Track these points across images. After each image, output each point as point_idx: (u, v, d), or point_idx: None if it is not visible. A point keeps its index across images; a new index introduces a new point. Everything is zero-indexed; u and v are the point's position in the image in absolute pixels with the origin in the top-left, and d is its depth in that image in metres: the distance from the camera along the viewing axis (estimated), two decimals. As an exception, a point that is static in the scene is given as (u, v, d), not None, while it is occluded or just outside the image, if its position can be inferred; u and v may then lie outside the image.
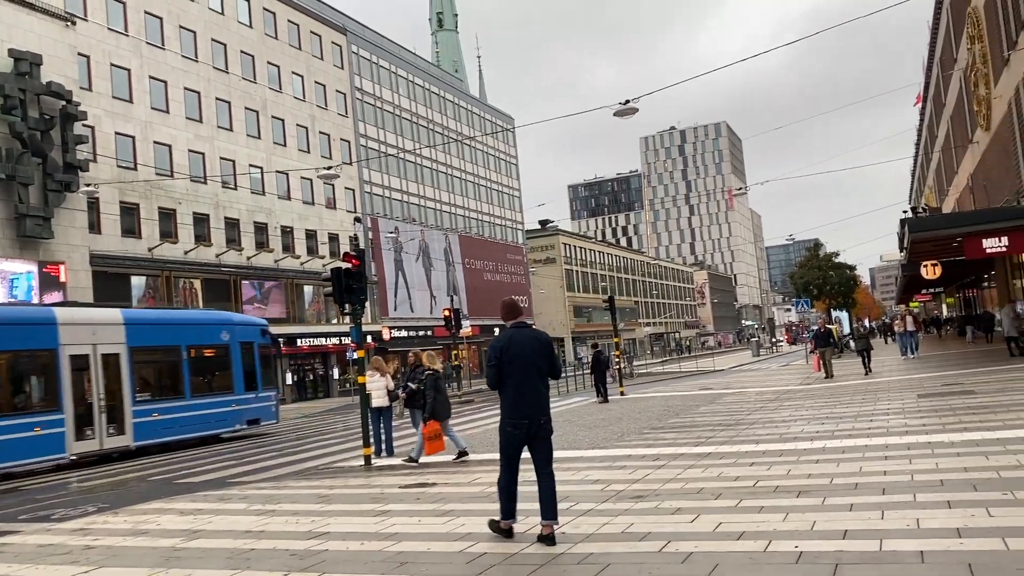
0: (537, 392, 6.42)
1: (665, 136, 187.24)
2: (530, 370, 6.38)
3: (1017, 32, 23.48)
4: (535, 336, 6.63)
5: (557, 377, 6.80)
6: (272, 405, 25.17)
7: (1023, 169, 25.19)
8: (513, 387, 6.40)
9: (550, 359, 6.55)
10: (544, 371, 6.50)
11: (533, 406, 6.34)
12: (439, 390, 12.34)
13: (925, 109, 58.59)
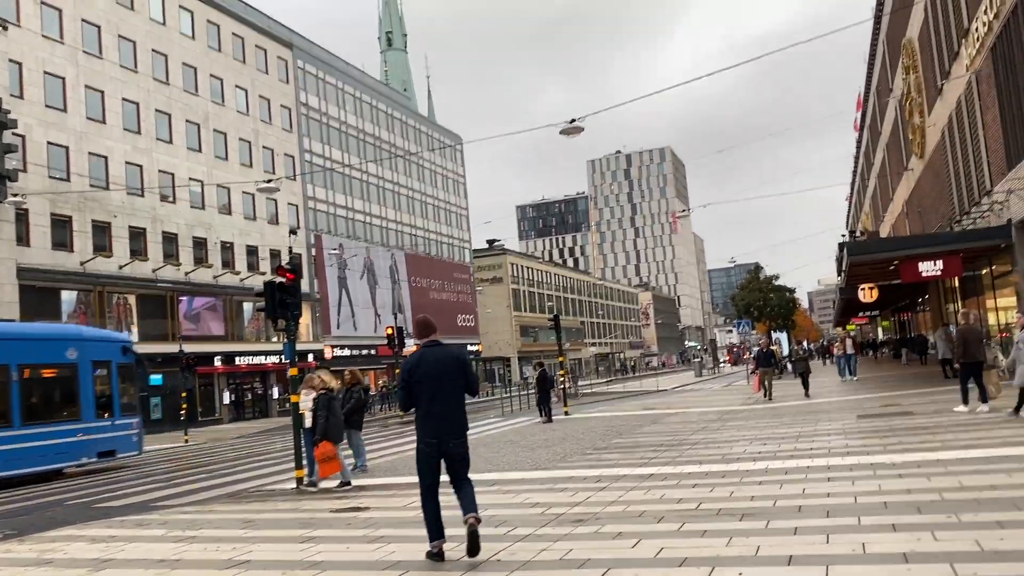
0: (449, 411, 6.26)
1: (611, 159, 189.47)
2: (441, 389, 6.24)
3: (950, 63, 24.15)
4: (448, 354, 6.42)
5: (473, 394, 6.62)
6: (133, 434, 21.90)
7: (956, 196, 25.85)
8: (424, 407, 6.26)
9: (465, 376, 6.39)
10: (458, 389, 6.34)
11: (445, 426, 6.19)
12: (332, 411, 11.99)
13: (862, 137, 60.24)
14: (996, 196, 20.22)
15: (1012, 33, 17.52)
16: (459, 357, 6.46)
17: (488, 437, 19.67)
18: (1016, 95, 17.85)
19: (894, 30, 36.42)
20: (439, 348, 6.47)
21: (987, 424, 11.91)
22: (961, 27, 22.16)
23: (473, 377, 6.54)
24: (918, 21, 29.09)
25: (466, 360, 6.52)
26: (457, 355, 6.47)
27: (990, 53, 19.31)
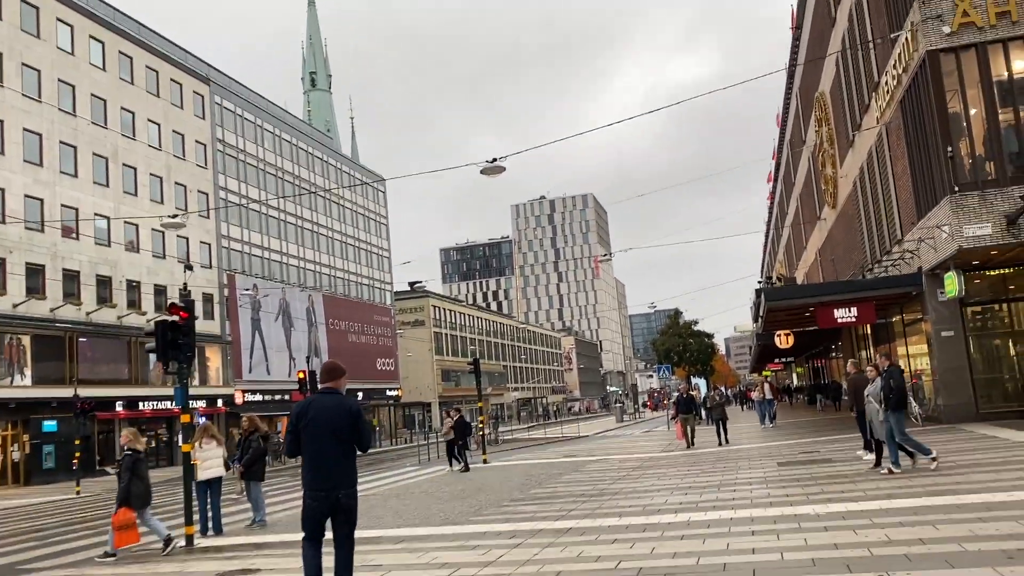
0: (336, 463, 5.93)
1: (536, 205, 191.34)
2: (328, 439, 5.91)
3: (861, 115, 24.85)
4: (339, 403, 6.06)
5: (363, 449, 6.17)
6: None
7: (868, 244, 26.46)
8: (309, 457, 5.96)
9: (354, 428, 5.98)
10: (345, 441, 5.98)
11: (331, 478, 5.88)
12: (138, 474, 10.90)
13: (776, 187, 62.08)
14: (907, 245, 20.66)
15: (920, 86, 18.03)
16: (350, 408, 6.07)
17: (401, 487, 18.77)
18: (925, 146, 18.32)
19: (807, 84, 37.68)
20: (331, 396, 6.13)
21: (906, 473, 11.75)
22: (871, 81, 22.85)
23: (364, 429, 6.12)
24: (830, 75, 30.05)
25: (357, 411, 6.09)
26: (348, 405, 6.09)
27: (899, 106, 19.87)
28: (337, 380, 6.23)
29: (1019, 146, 16.97)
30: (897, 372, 12.17)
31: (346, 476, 5.95)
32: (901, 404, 11.84)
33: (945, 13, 17.01)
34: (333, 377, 6.23)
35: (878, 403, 12.14)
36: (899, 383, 11.90)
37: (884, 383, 12.05)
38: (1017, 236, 16.34)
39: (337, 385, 6.22)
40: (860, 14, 23.37)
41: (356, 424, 5.98)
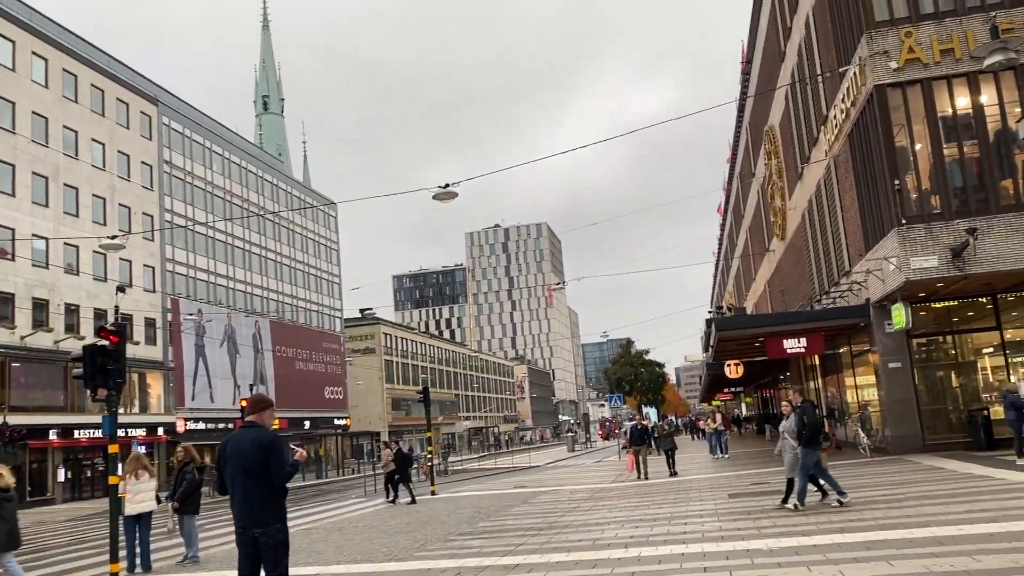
0: (248, 500, 5.75)
1: (490, 233, 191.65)
2: (240, 475, 5.77)
3: (810, 148, 25.20)
4: (253, 437, 5.84)
5: (277, 484, 5.81)
6: None
7: (816, 276, 26.74)
8: (230, 493, 5.88)
9: (266, 463, 5.72)
10: (258, 476, 5.74)
11: (245, 516, 5.74)
12: (2, 515, 9.66)
13: (726, 219, 62.94)
14: (855, 276, 20.86)
15: (868, 120, 18.29)
16: (261, 441, 5.81)
17: (345, 520, 18.15)
18: (872, 179, 18.56)
19: (757, 118, 38.30)
20: (248, 430, 5.94)
21: (857, 505, 11.63)
22: (820, 114, 23.20)
23: (277, 464, 5.74)
24: (779, 109, 30.53)
25: (268, 445, 5.79)
26: (260, 439, 5.83)
27: (847, 139, 20.15)
28: (260, 413, 6.04)
29: (963, 181, 17.28)
30: (810, 408, 12.12)
31: (261, 514, 5.72)
32: (814, 440, 11.80)
33: (892, 49, 17.33)
34: (256, 410, 6.06)
35: (793, 439, 12.04)
36: (812, 419, 11.87)
37: (797, 419, 12.00)
38: (962, 269, 16.56)
39: (260, 418, 6.01)
40: (809, 49, 23.78)
41: (267, 458, 5.72)
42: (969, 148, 17.24)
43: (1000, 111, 16.98)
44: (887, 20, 17.65)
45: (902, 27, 17.39)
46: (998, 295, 19.41)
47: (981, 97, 17.04)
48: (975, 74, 17.00)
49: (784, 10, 27.31)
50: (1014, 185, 16.92)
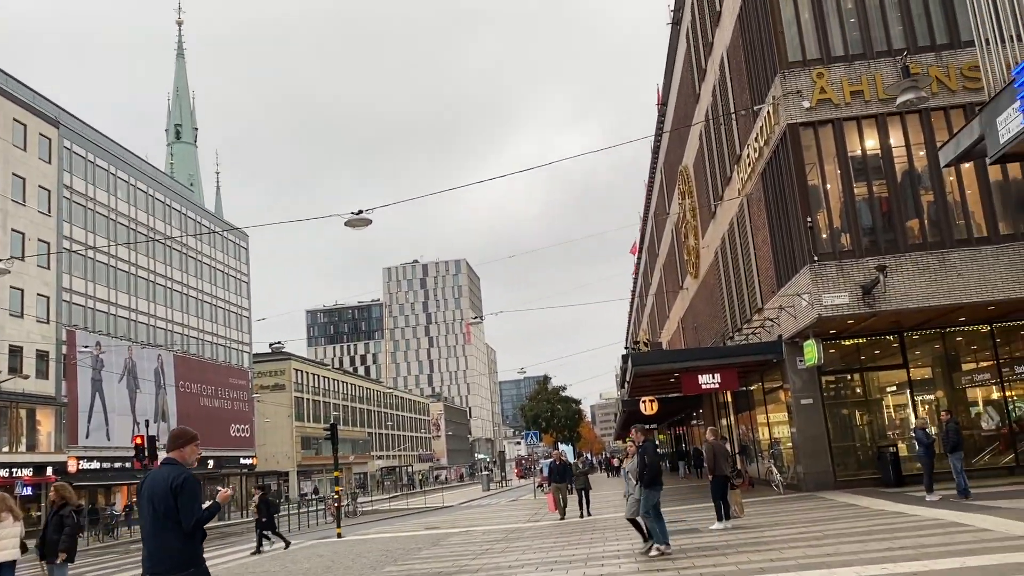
0: (154, 542, 5.32)
1: (408, 268, 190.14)
2: (148, 516, 5.36)
3: (723, 187, 25.56)
4: (163, 476, 5.42)
5: (186, 528, 5.26)
6: None
7: (729, 313, 26.98)
8: (141, 537, 5.52)
9: (173, 503, 5.24)
10: (168, 519, 5.27)
11: (149, 559, 5.32)
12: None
13: (641, 258, 63.83)
14: (768, 313, 21.02)
15: (781, 159, 18.55)
16: (171, 480, 5.38)
17: (241, 567, 16.97)
18: (785, 217, 18.78)
19: (671, 159, 38.95)
20: (164, 468, 5.54)
21: (776, 544, 11.36)
22: (734, 154, 23.55)
23: (187, 505, 5.28)
24: (694, 149, 31.04)
25: (179, 484, 5.35)
26: (170, 478, 5.40)
27: (760, 177, 20.42)
28: (180, 449, 5.59)
29: (872, 220, 17.63)
30: (651, 448, 11.85)
31: (166, 557, 5.24)
32: (655, 481, 11.52)
33: (804, 89, 17.66)
34: (176, 445, 5.63)
35: (635, 479, 11.75)
36: (652, 460, 11.58)
37: (639, 459, 11.71)
38: (872, 306, 16.79)
39: (180, 455, 5.58)
40: (723, 90, 24.20)
41: (175, 498, 5.27)
42: (878, 188, 17.63)
43: (907, 152, 17.45)
44: (800, 61, 18.01)
45: (814, 68, 17.77)
46: (904, 333, 19.84)
47: (889, 138, 17.47)
48: (884, 116, 17.46)
49: (699, 52, 27.86)
50: (920, 225, 17.34)
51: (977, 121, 6.35)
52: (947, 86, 17.26)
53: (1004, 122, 5.85)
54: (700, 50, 27.67)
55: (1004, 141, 5.75)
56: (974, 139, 6.49)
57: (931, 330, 19.83)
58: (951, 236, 17.06)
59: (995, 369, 19.77)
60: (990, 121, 6.02)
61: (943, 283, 16.74)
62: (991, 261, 16.72)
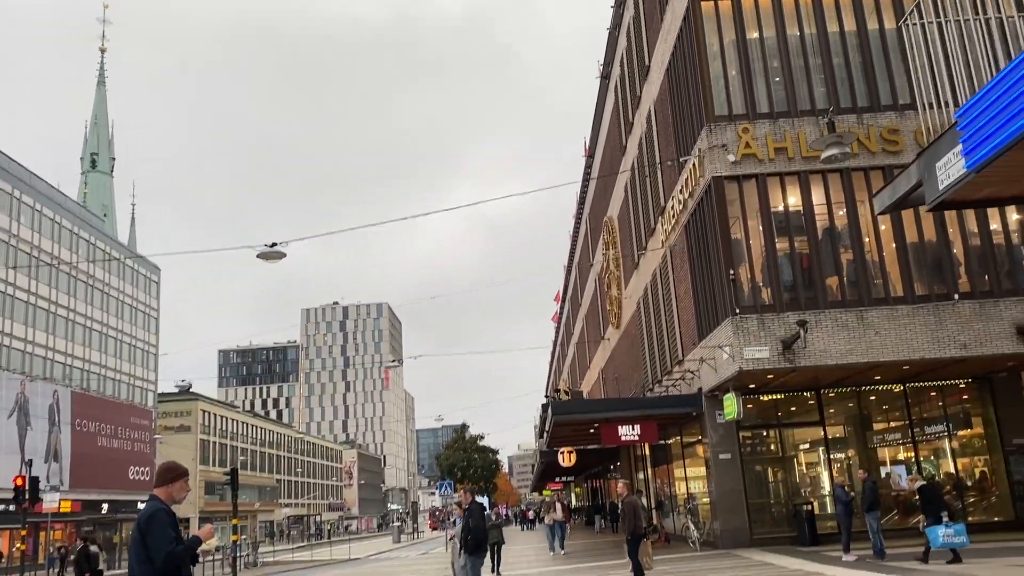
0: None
1: (328, 310, 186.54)
2: (131, 558, 5.14)
3: (647, 238, 25.59)
4: (143, 512, 5.20)
5: (157, 563, 4.95)
6: None
7: (650, 364, 26.84)
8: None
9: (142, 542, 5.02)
10: (140, 558, 5.03)
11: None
12: None
13: (564, 308, 63.91)
14: (688, 365, 20.87)
15: (705, 211, 18.56)
16: (142, 516, 5.18)
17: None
18: (708, 269, 18.73)
19: (597, 210, 39.17)
20: (145, 504, 5.28)
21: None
22: (658, 205, 23.61)
23: (156, 541, 4.98)
24: (619, 201, 31.18)
25: (146, 518, 5.13)
26: (143, 514, 5.19)
27: (684, 229, 20.42)
28: (166, 485, 5.32)
29: (793, 275, 17.71)
30: (477, 511, 11.20)
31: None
32: (479, 547, 10.96)
33: (730, 143, 17.78)
34: (161, 481, 5.37)
35: (460, 544, 11.14)
36: (477, 524, 10.96)
37: (463, 522, 11.12)
38: (792, 361, 16.74)
39: (167, 492, 5.28)
40: (650, 142, 24.37)
41: (143, 535, 5.05)
42: (799, 244, 17.76)
43: (828, 211, 17.67)
44: (726, 115, 18.17)
45: (740, 123, 17.93)
46: (821, 390, 19.92)
47: (811, 196, 17.67)
48: (806, 173, 17.69)
49: (627, 105, 28.13)
50: (840, 282, 17.48)
51: (915, 166, 6.13)
52: (867, 148, 17.62)
53: (944, 167, 5.64)
54: (628, 103, 27.94)
55: (943, 187, 5.51)
56: (912, 185, 6.27)
57: (847, 388, 19.97)
58: (869, 295, 17.24)
59: (906, 429, 20.01)
60: (929, 166, 5.80)
61: (861, 341, 16.84)
62: (907, 321, 16.93)
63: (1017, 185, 5.77)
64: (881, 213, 7.60)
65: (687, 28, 19.22)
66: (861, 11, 18.63)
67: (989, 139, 5.12)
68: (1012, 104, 4.90)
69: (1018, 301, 17.06)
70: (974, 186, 5.62)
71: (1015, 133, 4.87)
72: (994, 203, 6.23)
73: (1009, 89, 4.90)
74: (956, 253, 17.66)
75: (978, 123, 5.20)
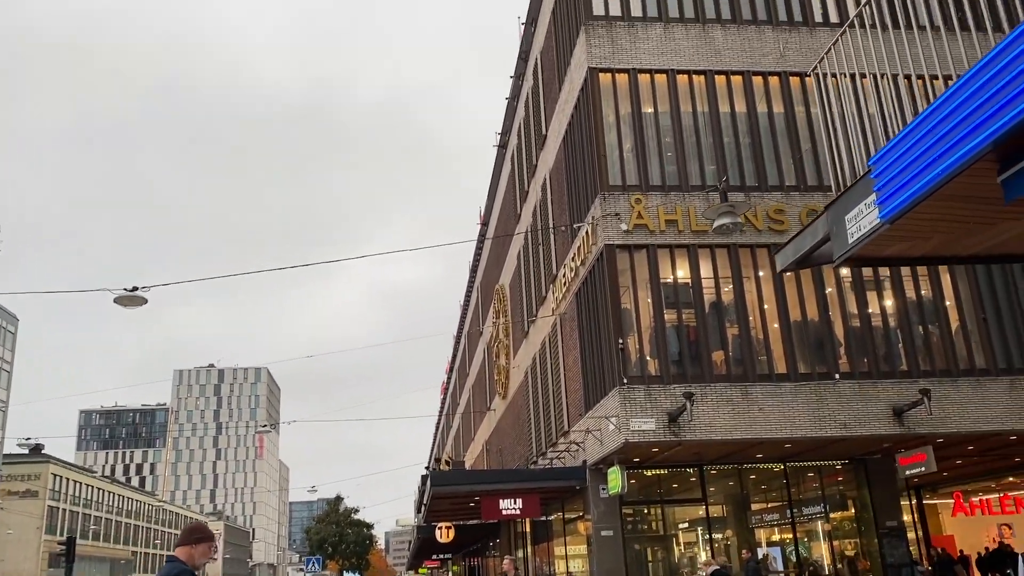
0: None
1: (202, 373, 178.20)
2: None
3: (537, 306, 25.26)
4: None
5: None
6: None
7: (535, 436, 26.19)
8: None
9: None
10: None
11: None
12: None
13: (451, 378, 62.90)
14: (574, 436, 20.31)
15: (596, 279, 18.32)
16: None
17: None
18: (597, 338, 18.39)
19: (489, 278, 38.85)
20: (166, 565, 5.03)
21: None
22: (550, 273, 23.35)
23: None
24: (511, 268, 30.92)
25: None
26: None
27: (575, 297, 20.13)
28: (189, 545, 5.04)
29: (680, 347, 17.55)
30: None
31: None
32: None
33: (623, 212, 17.71)
34: (184, 540, 5.10)
35: None
36: None
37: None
38: (677, 434, 16.41)
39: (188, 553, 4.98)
40: (544, 211, 24.26)
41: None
42: (687, 316, 17.68)
43: (715, 284, 17.72)
44: (620, 186, 18.15)
45: (633, 194, 17.93)
46: (704, 467, 19.69)
47: (699, 269, 17.71)
48: (695, 247, 17.76)
49: (523, 174, 28.12)
50: (725, 356, 17.42)
51: (823, 220, 5.80)
52: (754, 225, 17.88)
53: (855, 219, 5.31)
54: (524, 172, 27.94)
55: (854, 240, 5.18)
56: (818, 239, 5.91)
57: (729, 465, 19.82)
58: (754, 370, 17.23)
59: (784, 510, 19.96)
60: (838, 219, 5.48)
61: (745, 416, 16.72)
62: (790, 398, 16.96)
63: (927, 243, 5.50)
64: (783, 271, 7.28)
65: (584, 99, 19.30)
66: (752, 94, 19.20)
67: (906, 186, 4.80)
68: (933, 147, 4.60)
69: (894, 383, 17.41)
70: (886, 240, 5.31)
71: (935, 179, 4.56)
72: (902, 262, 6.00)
73: (930, 132, 4.61)
74: (837, 333, 17.96)
75: (894, 169, 4.90)
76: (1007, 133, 4.10)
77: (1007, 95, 4.12)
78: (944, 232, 5.29)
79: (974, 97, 4.31)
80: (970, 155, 4.28)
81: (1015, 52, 4.04)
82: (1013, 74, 4.10)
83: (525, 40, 27.52)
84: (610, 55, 18.97)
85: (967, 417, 17.34)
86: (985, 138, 4.19)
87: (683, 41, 19.35)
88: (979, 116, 4.26)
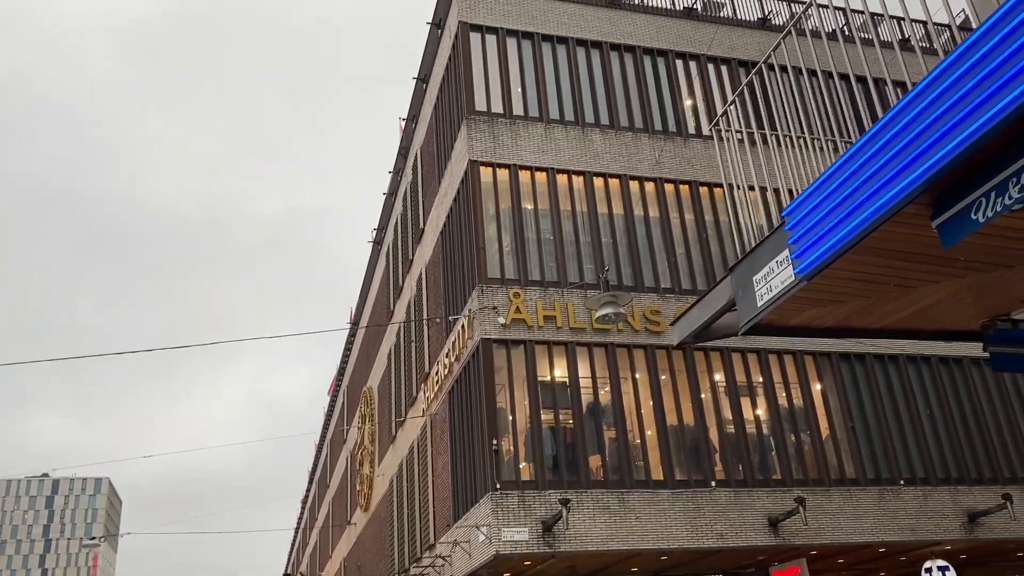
0: None
1: (33, 483, 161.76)
2: None
3: (407, 408, 23.96)
4: None
5: None
6: None
7: (398, 550, 24.33)
8: None
9: None
10: None
11: None
12: None
13: (311, 490, 59.30)
14: (440, 549, 18.79)
15: (471, 376, 17.40)
16: None
17: None
18: (470, 440, 17.31)
19: (356, 380, 37.14)
20: None
21: None
22: (422, 372, 22.25)
23: None
24: (381, 369, 29.55)
25: None
26: None
27: (448, 396, 19.07)
28: None
29: (556, 450, 16.68)
30: None
31: None
32: None
33: (501, 306, 17.03)
34: None
35: None
36: None
37: None
38: (551, 545, 15.30)
39: None
40: (419, 307, 23.36)
41: None
42: (564, 417, 16.92)
43: (592, 385, 17.12)
44: (498, 279, 17.55)
45: (511, 287, 17.34)
46: (578, 582, 18.53)
47: (577, 368, 17.11)
48: (573, 344, 17.20)
49: (398, 270, 27.27)
50: (602, 461, 16.66)
51: (727, 282, 5.17)
52: (632, 326, 17.56)
53: (765, 279, 4.73)
54: (399, 267, 27.09)
55: (764, 302, 4.58)
56: (721, 306, 5.26)
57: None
58: (631, 476, 16.50)
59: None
60: (744, 280, 4.87)
61: (622, 526, 15.84)
62: (667, 506, 16.26)
63: (841, 308, 4.97)
64: (680, 345, 6.63)
65: (464, 191, 18.87)
66: (628, 197, 19.30)
67: (827, 235, 4.25)
68: (859, 190, 4.08)
69: (769, 492, 17.07)
70: (798, 304, 4.74)
71: (861, 225, 4.02)
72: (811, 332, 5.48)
73: (854, 173, 4.10)
74: (712, 440, 17.60)
75: (813, 218, 4.36)
76: (943, 169, 3.64)
77: (940, 128, 3.68)
78: (861, 295, 4.77)
79: (904, 132, 3.86)
80: (902, 195, 3.78)
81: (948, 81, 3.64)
82: (945, 107, 3.68)
83: (406, 136, 27.24)
84: (491, 149, 18.74)
85: (840, 528, 17.14)
86: (918, 176, 3.71)
87: (563, 141, 19.40)
88: (911, 152, 3.79)
